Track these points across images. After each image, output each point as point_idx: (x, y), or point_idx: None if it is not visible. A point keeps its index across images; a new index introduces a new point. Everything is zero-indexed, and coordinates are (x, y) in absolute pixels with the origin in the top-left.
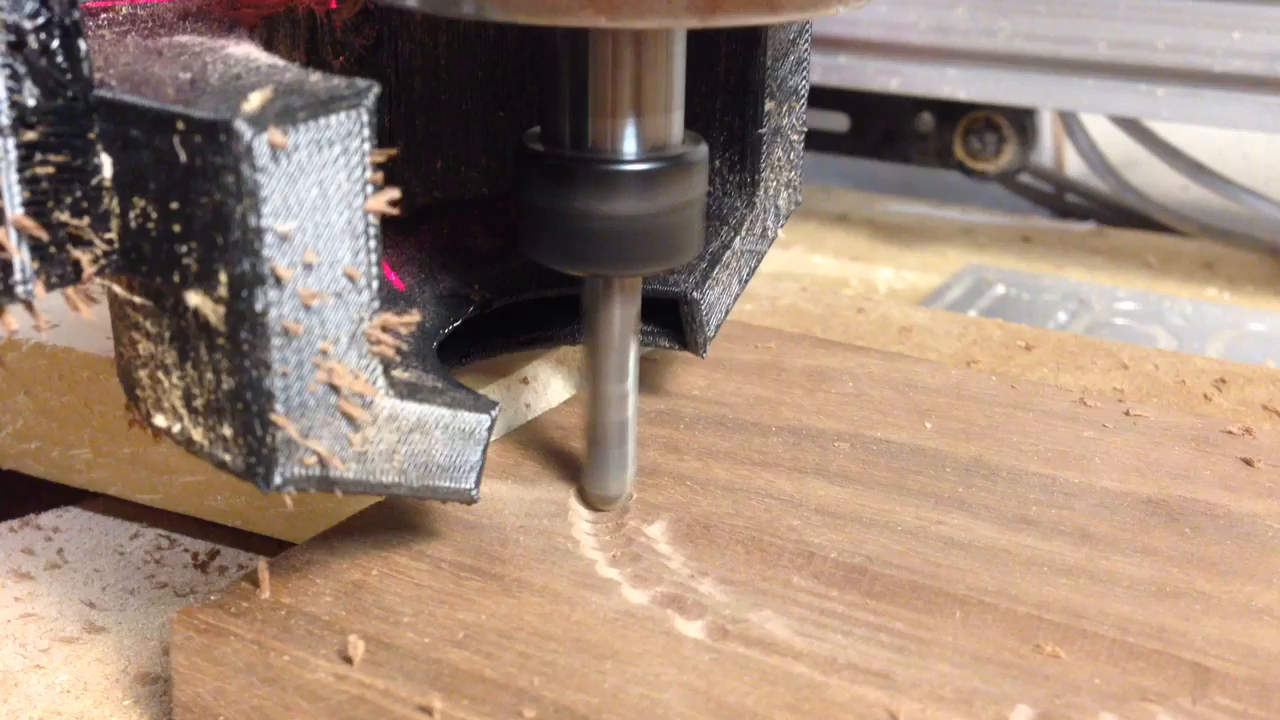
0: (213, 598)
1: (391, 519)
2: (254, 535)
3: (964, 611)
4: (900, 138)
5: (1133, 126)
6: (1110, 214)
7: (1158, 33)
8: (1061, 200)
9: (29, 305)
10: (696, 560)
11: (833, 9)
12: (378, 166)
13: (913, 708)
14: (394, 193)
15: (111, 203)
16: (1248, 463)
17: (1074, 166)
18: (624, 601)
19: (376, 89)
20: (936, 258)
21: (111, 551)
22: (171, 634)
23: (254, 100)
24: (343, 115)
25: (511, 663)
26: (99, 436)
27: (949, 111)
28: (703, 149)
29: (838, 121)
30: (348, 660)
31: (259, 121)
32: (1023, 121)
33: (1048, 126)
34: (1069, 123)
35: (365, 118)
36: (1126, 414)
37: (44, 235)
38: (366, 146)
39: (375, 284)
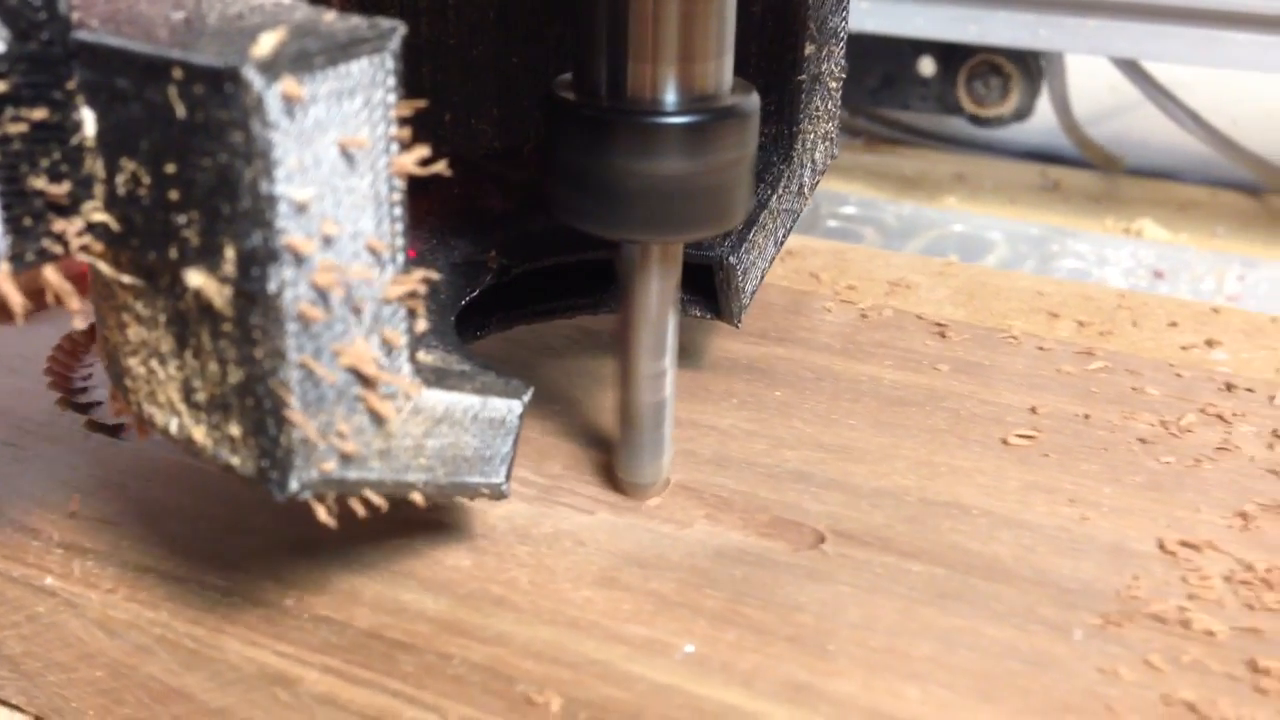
0: None
1: None
2: None
3: None
4: (900, 83)
5: (1131, 69)
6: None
7: None
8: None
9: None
10: None
11: None
12: (402, 121)
13: None
14: (422, 150)
15: (95, 165)
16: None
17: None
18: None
19: (402, 29)
20: None
21: None
22: None
23: (264, 44)
24: (365, 61)
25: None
26: None
27: (952, 55)
28: (754, 99)
29: None
30: None
31: (272, 69)
32: (1028, 64)
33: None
34: (1051, 65)
35: (389, 64)
36: None
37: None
38: (391, 98)
39: (400, 257)
